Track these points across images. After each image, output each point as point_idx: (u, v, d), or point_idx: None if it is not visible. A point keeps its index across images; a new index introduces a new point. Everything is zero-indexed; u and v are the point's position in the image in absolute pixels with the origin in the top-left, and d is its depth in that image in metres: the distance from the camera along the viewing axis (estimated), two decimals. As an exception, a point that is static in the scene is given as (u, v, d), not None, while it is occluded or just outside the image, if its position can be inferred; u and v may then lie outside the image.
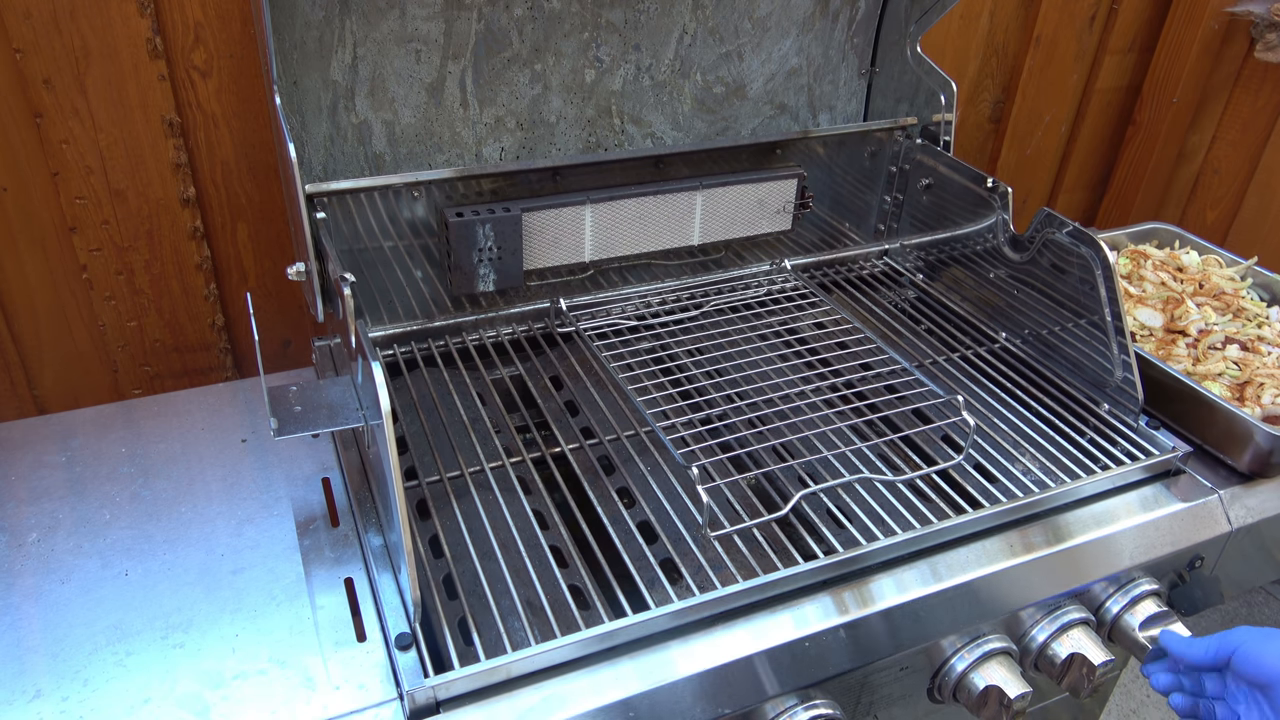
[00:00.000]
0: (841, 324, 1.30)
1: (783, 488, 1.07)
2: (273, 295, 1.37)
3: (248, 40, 1.17)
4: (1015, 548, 1.01)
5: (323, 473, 1.09)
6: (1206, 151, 1.99)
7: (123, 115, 1.15)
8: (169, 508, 1.03)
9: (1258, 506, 1.12)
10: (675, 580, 0.94)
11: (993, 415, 1.19)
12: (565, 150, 1.31)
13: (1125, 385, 1.15)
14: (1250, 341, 1.32)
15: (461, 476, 1.07)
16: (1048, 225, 1.20)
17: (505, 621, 0.89)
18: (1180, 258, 1.52)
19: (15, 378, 1.26)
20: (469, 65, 1.19)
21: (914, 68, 1.40)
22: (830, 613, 0.92)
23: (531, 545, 0.98)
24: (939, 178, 1.40)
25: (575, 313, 1.32)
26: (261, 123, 1.23)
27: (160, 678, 0.85)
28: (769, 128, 1.44)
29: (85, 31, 1.09)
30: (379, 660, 0.87)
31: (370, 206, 1.18)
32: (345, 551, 0.99)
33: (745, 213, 1.39)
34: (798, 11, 1.36)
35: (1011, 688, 0.94)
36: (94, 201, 1.19)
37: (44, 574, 0.95)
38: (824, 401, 1.18)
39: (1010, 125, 1.86)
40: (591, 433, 1.15)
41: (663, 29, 1.28)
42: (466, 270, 1.22)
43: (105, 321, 1.27)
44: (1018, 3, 1.73)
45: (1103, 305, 1.14)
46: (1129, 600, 1.04)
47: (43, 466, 1.08)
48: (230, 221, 1.29)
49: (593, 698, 0.83)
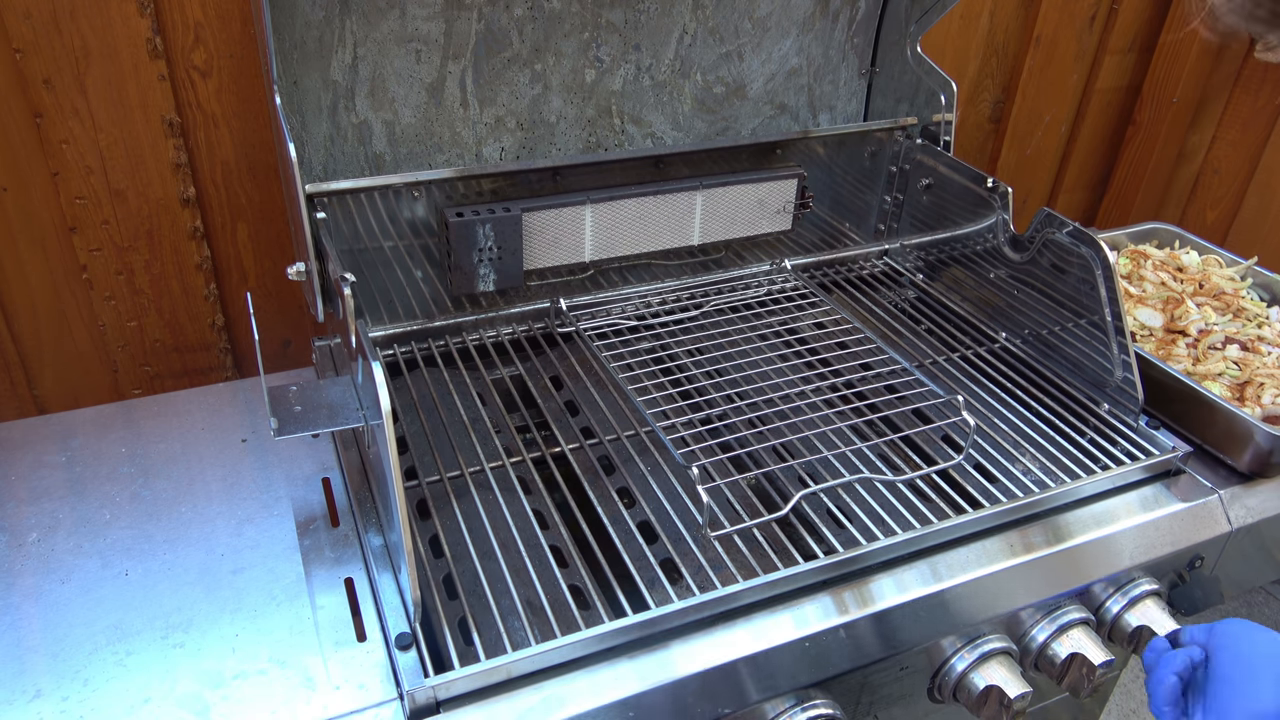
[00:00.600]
0: (841, 324, 1.30)
1: (783, 488, 1.07)
2: (273, 295, 1.37)
3: (248, 40, 1.17)
4: (1015, 548, 1.01)
5: (323, 473, 1.09)
6: (1206, 151, 1.99)
7: (123, 115, 1.15)
8: (169, 508, 1.03)
9: (1258, 506, 1.12)
10: (675, 580, 0.94)
11: (993, 415, 1.19)
12: (565, 150, 1.31)
13: (1125, 385, 1.15)
14: (1250, 341, 1.32)
15: (461, 476, 1.07)
16: (1048, 225, 1.20)
17: (505, 621, 0.89)
18: (1180, 258, 1.52)
19: (15, 378, 1.26)
20: (469, 65, 1.19)
21: (914, 68, 1.40)
22: (830, 613, 0.92)
23: (531, 545, 0.98)
24: (939, 178, 1.40)
25: (575, 313, 1.32)
26: (261, 123, 1.23)
27: (160, 677, 0.85)
28: (769, 128, 1.44)
29: (85, 31, 1.09)
30: (379, 660, 0.87)
31: (370, 206, 1.18)
32: (345, 551, 0.99)
33: (745, 213, 1.39)
34: (798, 11, 1.36)
35: (1011, 688, 0.94)
36: (94, 201, 1.19)
37: (44, 574, 0.95)
38: (824, 401, 1.18)
39: (1010, 125, 1.86)
40: (591, 433, 1.15)
41: (663, 29, 1.28)
42: (466, 270, 1.22)
43: (105, 321, 1.27)
44: (1018, 3, 1.73)
45: (1103, 305, 1.14)
46: (1129, 600, 1.04)
47: (43, 466, 1.08)
48: (230, 221, 1.29)
49: (593, 698, 0.83)
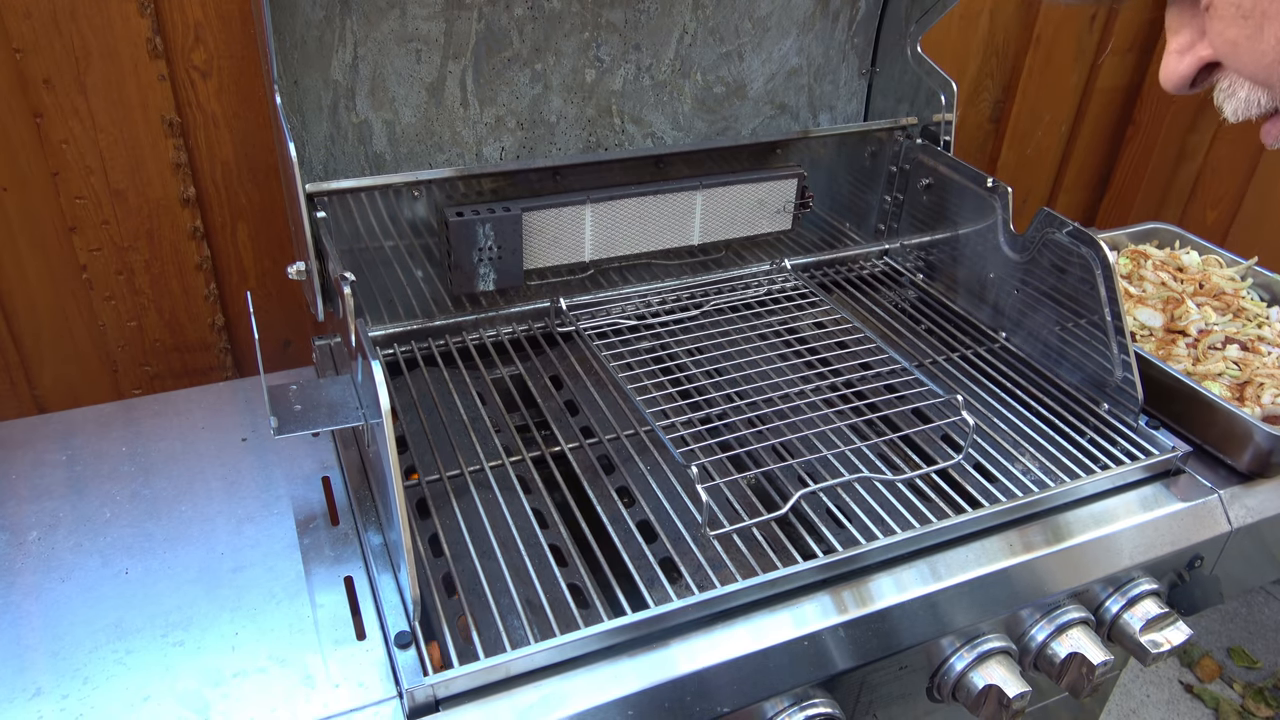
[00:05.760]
0: (841, 324, 1.30)
1: (782, 487, 1.07)
2: (273, 295, 1.37)
3: (248, 40, 1.17)
4: (1015, 547, 1.01)
5: (323, 471, 1.10)
6: (1206, 151, 1.99)
7: (123, 115, 1.15)
8: (169, 506, 1.03)
9: (1258, 506, 1.12)
10: (675, 579, 0.94)
11: (992, 415, 1.19)
12: (565, 150, 1.31)
13: (1125, 385, 1.15)
14: (1250, 341, 1.32)
15: (461, 475, 1.07)
16: (1048, 225, 1.20)
17: (505, 620, 0.89)
18: (1180, 258, 1.52)
19: (15, 378, 1.26)
20: (469, 65, 1.19)
21: (914, 68, 1.40)
22: (830, 612, 0.92)
23: (531, 544, 0.98)
24: (939, 178, 1.40)
25: (575, 312, 1.32)
26: (261, 123, 1.23)
27: (160, 676, 0.85)
28: (769, 128, 1.44)
29: (85, 31, 1.09)
30: (379, 658, 0.87)
31: (370, 206, 1.18)
32: (345, 550, 0.99)
33: (745, 212, 1.39)
34: (798, 11, 1.36)
35: (1011, 687, 0.94)
36: (94, 201, 1.19)
37: (44, 572, 0.95)
38: (824, 401, 1.18)
39: (1010, 125, 1.86)
40: (591, 432, 1.15)
41: (663, 29, 1.28)
42: (466, 270, 1.22)
43: (105, 321, 1.27)
44: (1018, 3, 1.73)
45: (1103, 305, 1.14)
46: (1128, 600, 1.04)
47: (43, 465, 1.08)
48: (230, 221, 1.29)
49: (592, 696, 0.83)
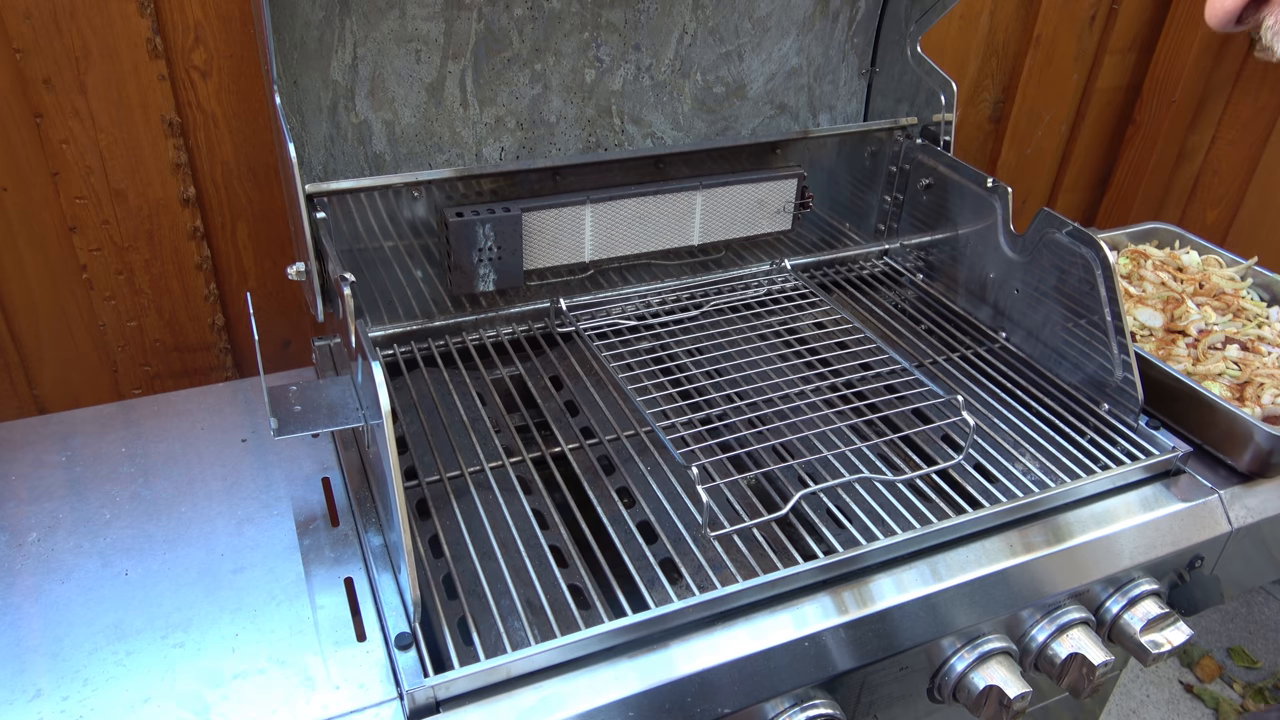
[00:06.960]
0: (841, 324, 1.30)
1: (783, 488, 1.07)
2: (273, 295, 1.37)
3: (248, 40, 1.17)
4: (1015, 548, 1.01)
5: (323, 472, 1.09)
6: (1206, 151, 1.99)
7: (123, 115, 1.15)
8: (169, 507, 1.03)
9: (1258, 506, 1.12)
10: (675, 580, 0.94)
11: (993, 415, 1.19)
12: (565, 150, 1.31)
13: (1125, 385, 1.15)
14: (1250, 341, 1.32)
15: (461, 476, 1.07)
16: (1048, 225, 1.20)
17: (505, 621, 0.89)
18: (1180, 258, 1.52)
19: (15, 378, 1.26)
20: (469, 65, 1.19)
21: (914, 68, 1.40)
22: (830, 613, 0.92)
23: (531, 545, 0.98)
24: (939, 178, 1.40)
25: (575, 313, 1.32)
26: (261, 123, 1.23)
27: (160, 677, 0.85)
28: (769, 128, 1.44)
29: (85, 31, 1.09)
30: (379, 660, 0.87)
31: (370, 206, 1.18)
32: (345, 551, 0.99)
33: (745, 213, 1.39)
34: (798, 11, 1.36)
35: (1011, 688, 0.94)
36: (94, 201, 1.19)
37: (44, 573, 0.95)
38: (824, 401, 1.18)
39: (1010, 125, 1.86)
40: (591, 433, 1.15)
41: (663, 29, 1.28)
42: (466, 270, 1.22)
43: (105, 321, 1.27)
44: (1018, 3, 1.73)
45: (1103, 305, 1.14)
46: (1129, 600, 1.04)
47: (43, 466, 1.08)
48: (230, 221, 1.29)
49: (592, 697, 0.83)
